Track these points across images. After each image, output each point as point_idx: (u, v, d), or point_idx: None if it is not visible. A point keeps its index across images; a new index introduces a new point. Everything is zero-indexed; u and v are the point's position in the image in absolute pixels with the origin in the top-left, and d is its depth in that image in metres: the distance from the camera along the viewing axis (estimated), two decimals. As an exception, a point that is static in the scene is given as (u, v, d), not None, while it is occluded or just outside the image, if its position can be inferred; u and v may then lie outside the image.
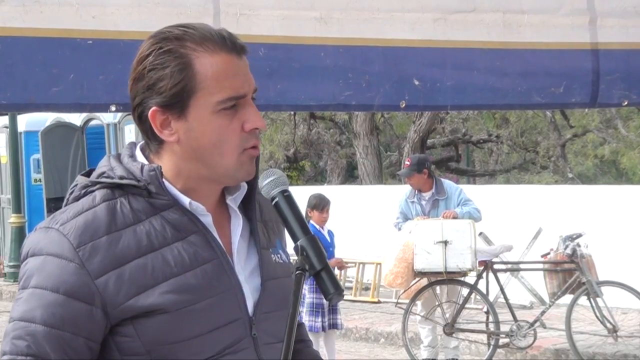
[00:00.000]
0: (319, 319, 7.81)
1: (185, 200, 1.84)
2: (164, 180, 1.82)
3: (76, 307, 1.74)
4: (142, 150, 1.90)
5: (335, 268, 8.39)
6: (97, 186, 1.83)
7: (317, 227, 7.92)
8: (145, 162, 1.86)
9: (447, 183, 9.05)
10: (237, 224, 1.91)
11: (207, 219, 1.86)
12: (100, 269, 1.75)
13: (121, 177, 1.82)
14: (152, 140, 1.86)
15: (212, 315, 1.80)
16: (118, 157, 1.88)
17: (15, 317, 1.76)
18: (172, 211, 1.83)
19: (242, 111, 1.82)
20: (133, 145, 1.92)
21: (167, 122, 1.82)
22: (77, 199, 1.84)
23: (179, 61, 1.80)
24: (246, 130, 1.82)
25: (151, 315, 1.76)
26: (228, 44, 1.82)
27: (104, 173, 1.85)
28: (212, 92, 1.80)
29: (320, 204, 8.00)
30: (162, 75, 1.80)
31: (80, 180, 1.87)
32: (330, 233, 8.15)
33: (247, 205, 1.95)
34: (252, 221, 1.95)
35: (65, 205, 1.85)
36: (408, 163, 8.90)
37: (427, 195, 8.82)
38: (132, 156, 1.88)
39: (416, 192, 8.86)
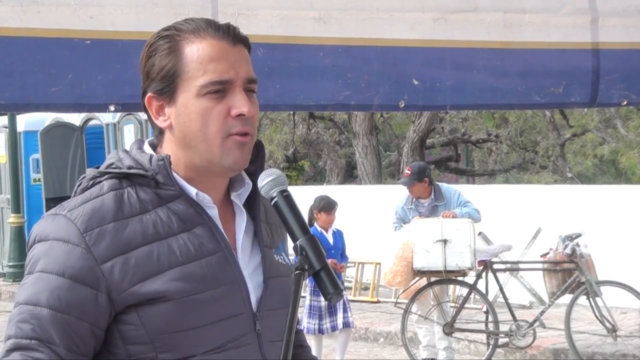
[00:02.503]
0: (315, 321, 7.80)
1: (192, 190, 1.85)
2: (172, 170, 1.84)
3: (81, 292, 1.75)
4: (151, 144, 1.92)
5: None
6: (105, 177, 1.85)
7: (320, 229, 7.89)
8: (154, 153, 1.88)
9: (445, 187, 9.01)
10: (242, 220, 1.93)
11: (214, 212, 1.87)
12: (106, 254, 1.76)
13: (129, 167, 1.84)
14: (154, 130, 1.90)
15: (215, 307, 1.81)
16: (126, 150, 1.91)
17: (20, 301, 1.77)
18: (179, 202, 1.84)
19: (229, 97, 1.83)
20: (140, 140, 1.94)
21: (162, 109, 1.86)
22: (85, 190, 1.85)
23: (168, 45, 1.84)
24: (232, 116, 1.82)
25: (155, 303, 1.77)
26: (220, 32, 1.84)
27: (112, 164, 1.87)
28: (196, 76, 1.82)
29: (328, 206, 7.96)
30: (154, 60, 1.85)
31: (89, 172, 1.89)
32: (338, 233, 8.10)
33: (252, 205, 1.96)
34: (256, 220, 1.95)
35: (74, 196, 1.86)
36: (408, 172, 8.83)
37: (425, 202, 8.78)
38: (140, 149, 1.90)
39: (414, 199, 8.84)
